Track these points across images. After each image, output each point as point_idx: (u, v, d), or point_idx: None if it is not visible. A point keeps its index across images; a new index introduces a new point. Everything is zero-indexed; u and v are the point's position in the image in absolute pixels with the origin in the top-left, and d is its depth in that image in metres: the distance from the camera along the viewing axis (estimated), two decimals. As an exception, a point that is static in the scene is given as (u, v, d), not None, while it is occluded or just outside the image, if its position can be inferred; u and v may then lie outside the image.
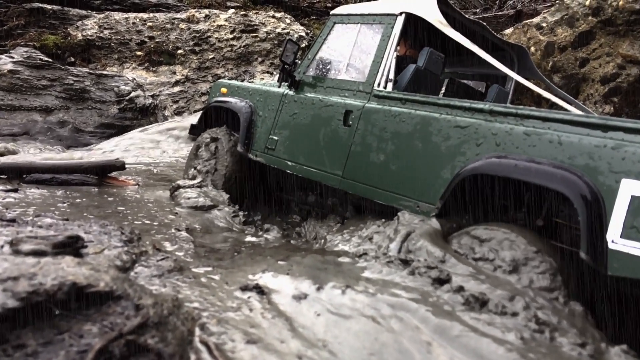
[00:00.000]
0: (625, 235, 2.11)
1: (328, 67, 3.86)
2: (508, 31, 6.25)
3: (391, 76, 3.41)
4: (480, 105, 2.85)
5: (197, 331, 1.82)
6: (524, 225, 2.61)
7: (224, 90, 4.71)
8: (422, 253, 2.41)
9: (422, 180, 2.97)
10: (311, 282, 2.31)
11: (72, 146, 8.69)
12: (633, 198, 2.11)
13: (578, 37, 5.56)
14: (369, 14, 3.66)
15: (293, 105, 3.92)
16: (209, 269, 2.60)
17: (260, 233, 3.72)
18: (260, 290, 2.30)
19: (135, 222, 3.37)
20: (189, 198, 3.96)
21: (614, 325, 2.29)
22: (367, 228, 3.06)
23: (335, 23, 3.91)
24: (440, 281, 2.12)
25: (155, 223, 3.40)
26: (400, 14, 3.46)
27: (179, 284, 2.32)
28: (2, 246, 2.06)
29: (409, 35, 3.94)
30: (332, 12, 4.06)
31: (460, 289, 2.04)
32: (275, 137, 3.95)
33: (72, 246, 2.20)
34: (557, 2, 5.98)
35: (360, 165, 3.31)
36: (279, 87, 4.18)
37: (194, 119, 6.50)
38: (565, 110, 3.30)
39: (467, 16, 3.94)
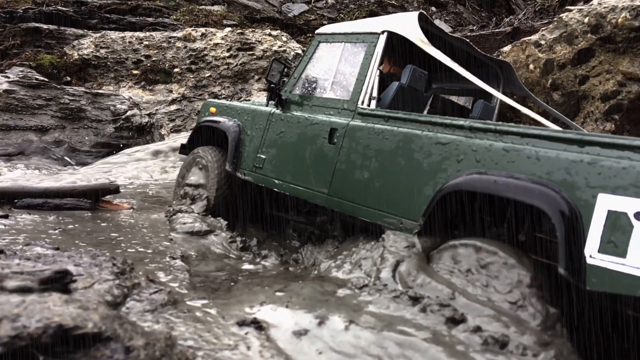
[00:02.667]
0: (602, 250, 2.11)
1: (314, 86, 3.87)
2: (506, 49, 6.20)
3: (374, 94, 3.42)
4: (460, 121, 2.86)
5: (191, 374, 1.71)
6: (506, 241, 2.59)
7: (213, 109, 4.71)
8: (428, 289, 2.31)
9: (405, 197, 2.97)
10: (312, 316, 2.21)
11: (68, 164, 8.61)
12: (610, 212, 2.12)
13: (577, 54, 5.51)
14: (353, 33, 3.69)
15: (280, 124, 3.93)
16: (205, 301, 2.49)
17: (257, 260, 3.61)
18: (258, 325, 2.19)
19: (129, 250, 3.26)
20: (184, 223, 3.85)
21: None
22: (357, 253, 3.00)
23: (320, 42, 3.93)
24: (455, 321, 2.01)
25: (149, 250, 3.29)
26: (383, 32, 3.49)
27: (173, 319, 2.21)
28: (-14, 283, 1.95)
29: (392, 53, 3.94)
30: (317, 31, 4.08)
31: (477, 329, 1.93)
32: (263, 156, 3.95)
33: (59, 282, 2.09)
34: (555, 19, 5.96)
35: (345, 182, 3.32)
36: (267, 106, 4.19)
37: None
38: (543, 125, 3.29)
39: (449, 33, 3.96)
